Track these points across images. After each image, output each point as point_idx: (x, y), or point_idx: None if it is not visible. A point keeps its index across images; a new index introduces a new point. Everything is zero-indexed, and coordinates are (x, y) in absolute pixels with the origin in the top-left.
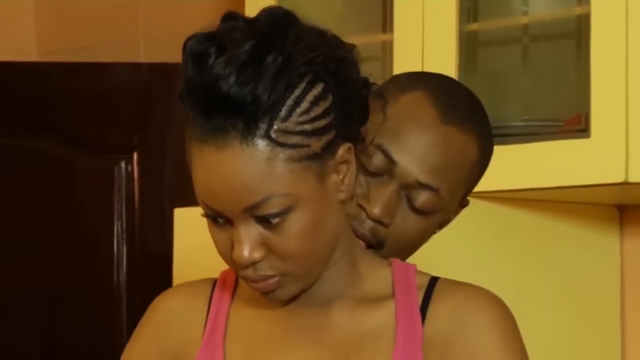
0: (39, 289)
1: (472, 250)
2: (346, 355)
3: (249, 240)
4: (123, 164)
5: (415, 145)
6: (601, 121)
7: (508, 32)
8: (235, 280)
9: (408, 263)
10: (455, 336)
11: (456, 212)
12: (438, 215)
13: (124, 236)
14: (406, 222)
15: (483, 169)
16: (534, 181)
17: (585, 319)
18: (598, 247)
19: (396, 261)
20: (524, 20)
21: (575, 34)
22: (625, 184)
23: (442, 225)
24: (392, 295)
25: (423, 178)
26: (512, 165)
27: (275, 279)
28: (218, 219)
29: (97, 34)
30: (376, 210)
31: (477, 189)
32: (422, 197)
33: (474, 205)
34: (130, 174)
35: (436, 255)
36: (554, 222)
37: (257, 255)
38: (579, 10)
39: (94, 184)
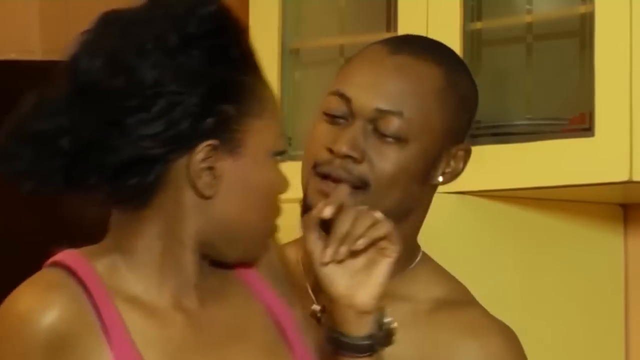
0: None
1: (475, 248)
2: (271, 347)
3: None
4: None
5: (365, 77)
6: (605, 120)
7: (512, 30)
8: (95, 274)
9: None
10: None
11: (456, 156)
12: (415, 145)
13: None
14: (382, 154)
15: (461, 101)
16: (537, 180)
17: (589, 318)
18: (602, 245)
19: None
20: (528, 18)
21: (579, 33)
22: (629, 182)
23: (429, 162)
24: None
25: (380, 103)
26: (515, 164)
27: None
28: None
29: None
30: (341, 147)
31: (480, 187)
32: (386, 123)
33: (477, 203)
34: None
35: (438, 254)
36: (558, 220)
37: None
38: (582, 9)
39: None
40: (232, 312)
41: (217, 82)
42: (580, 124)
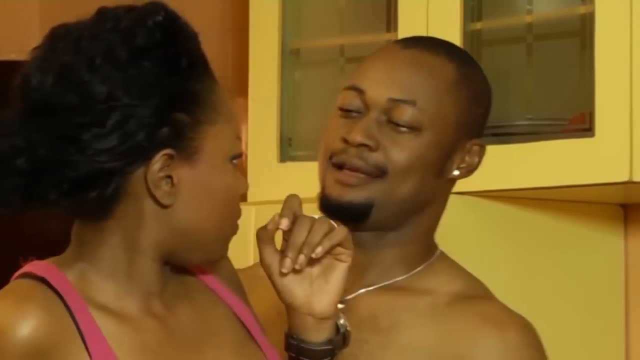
0: None
1: (475, 249)
2: (243, 347)
3: None
4: None
5: (379, 71)
6: (605, 120)
7: (512, 31)
8: (68, 283)
9: None
10: None
11: (471, 151)
12: (429, 134)
13: None
14: (397, 143)
15: (474, 95)
16: (538, 180)
17: (590, 318)
18: (602, 246)
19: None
20: (528, 19)
21: (580, 33)
22: (629, 183)
23: (443, 153)
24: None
25: (393, 93)
26: (516, 164)
27: None
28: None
29: None
30: (356, 136)
31: (480, 187)
32: (400, 113)
33: (477, 203)
34: None
35: None
36: (558, 221)
37: None
38: (583, 9)
39: None
40: (201, 315)
41: (169, 92)
42: (581, 124)
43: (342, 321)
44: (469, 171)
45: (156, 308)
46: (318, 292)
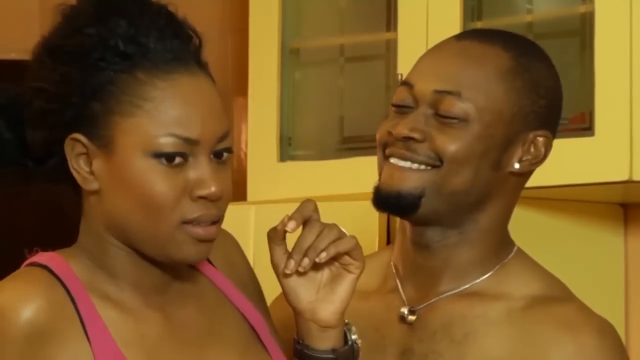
0: None
1: None
2: (247, 348)
3: (213, 176)
4: None
5: (427, 64)
6: (605, 119)
7: (512, 30)
8: (73, 273)
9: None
10: None
11: (535, 142)
12: (478, 125)
13: None
14: (444, 134)
15: (533, 85)
16: (537, 179)
17: None
18: (602, 245)
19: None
20: (528, 18)
21: (580, 32)
22: (629, 182)
23: (498, 145)
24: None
25: (438, 85)
26: None
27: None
28: (177, 157)
29: None
30: (401, 129)
31: None
32: (445, 104)
33: None
34: None
35: None
36: (558, 220)
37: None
38: (583, 9)
39: None
40: (207, 314)
41: (85, 82)
42: (580, 123)
43: (354, 335)
44: (534, 164)
45: (157, 302)
46: (323, 299)
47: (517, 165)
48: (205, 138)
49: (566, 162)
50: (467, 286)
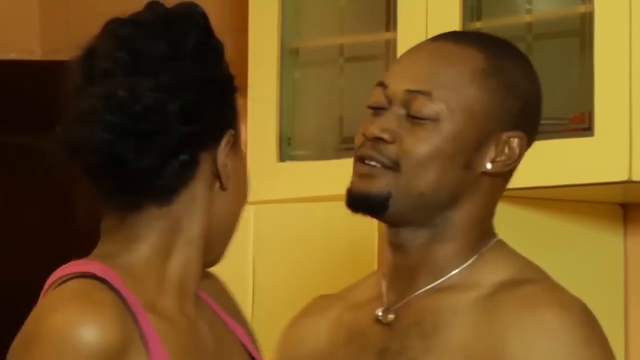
0: (38, 287)
1: None
2: None
3: None
4: None
5: (401, 65)
6: (605, 120)
7: (512, 30)
8: (124, 285)
9: None
10: None
11: (509, 143)
12: (449, 125)
13: None
14: (414, 135)
15: (507, 85)
16: (537, 179)
17: None
18: (602, 245)
19: None
20: (528, 18)
21: (579, 33)
22: (628, 182)
23: (469, 145)
24: None
25: (410, 85)
26: None
27: None
28: None
29: None
30: (373, 130)
31: None
32: (416, 104)
33: None
34: None
35: None
36: (558, 220)
37: None
38: (582, 9)
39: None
40: (217, 335)
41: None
42: (580, 123)
43: None
44: (507, 164)
45: (189, 309)
46: None
47: (489, 166)
48: None
49: (566, 162)
50: (441, 280)
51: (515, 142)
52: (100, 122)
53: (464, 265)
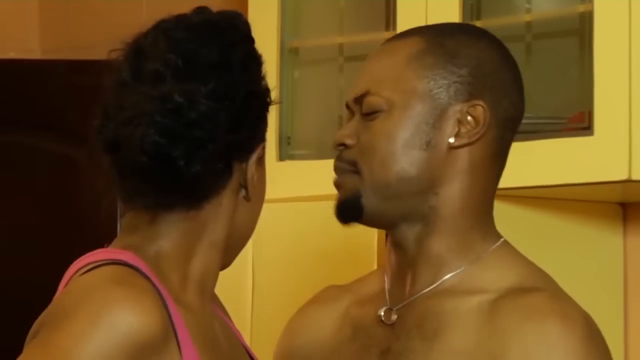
0: (38, 285)
1: None
2: None
3: None
4: None
5: (356, 75)
6: (604, 119)
7: (511, 29)
8: (156, 275)
9: None
10: None
11: (470, 113)
12: (396, 111)
13: None
14: (368, 130)
15: (448, 57)
16: (537, 179)
17: None
18: (601, 244)
19: None
20: (527, 17)
21: (579, 32)
22: (628, 181)
23: (423, 124)
24: None
25: (355, 93)
26: (514, 163)
27: None
28: None
29: (101, 32)
30: (337, 138)
31: None
32: (363, 105)
33: None
34: None
35: None
36: (557, 219)
37: None
38: (582, 8)
39: (96, 181)
40: (229, 339)
41: (261, 90)
42: (580, 122)
43: None
44: (473, 135)
45: (209, 308)
46: None
47: (452, 140)
48: None
49: (565, 162)
50: (443, 279)
51: (477, 110)
52: (153, 124)
53: (465, 267)
